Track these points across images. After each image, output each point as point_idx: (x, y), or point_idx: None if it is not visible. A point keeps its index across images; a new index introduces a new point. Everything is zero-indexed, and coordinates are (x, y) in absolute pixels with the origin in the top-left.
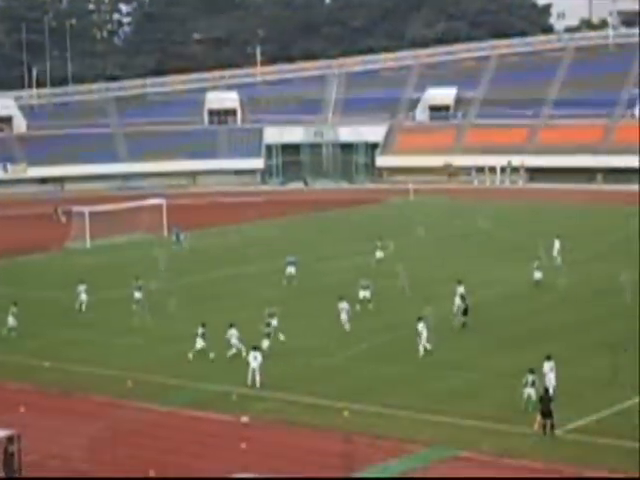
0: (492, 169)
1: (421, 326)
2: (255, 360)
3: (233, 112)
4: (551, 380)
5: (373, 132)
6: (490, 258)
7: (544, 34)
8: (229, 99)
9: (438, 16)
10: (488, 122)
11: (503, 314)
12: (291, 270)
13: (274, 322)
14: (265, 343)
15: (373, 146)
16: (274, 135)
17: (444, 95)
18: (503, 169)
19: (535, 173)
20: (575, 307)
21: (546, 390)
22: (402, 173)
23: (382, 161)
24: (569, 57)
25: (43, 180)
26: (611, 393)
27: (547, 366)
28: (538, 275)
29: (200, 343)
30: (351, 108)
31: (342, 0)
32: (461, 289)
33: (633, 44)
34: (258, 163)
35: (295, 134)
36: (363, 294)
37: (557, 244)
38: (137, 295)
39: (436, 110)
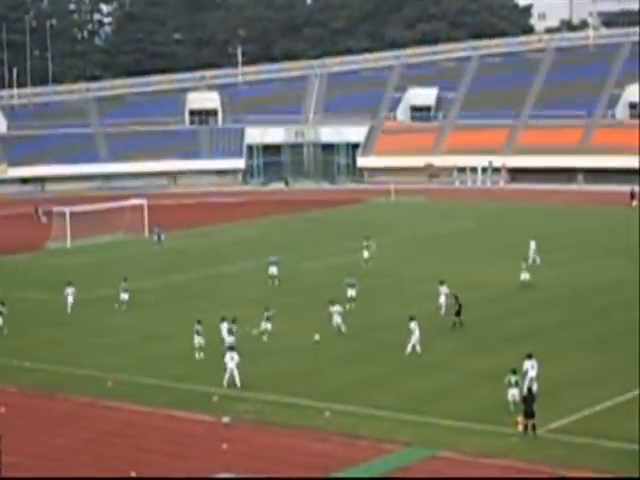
0: (473, 169)
1: (413, 325)
2: (232, 360)
3: (214, 112)
4: (532, 379)
5: (354, 132)
6: (472, 259)
7: (525, 35)
8: (210, 99)
9: (419, 17)
10: (469, 122)
11: (485, 314)
12: (273, 270)
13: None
14: (199, 340)
15: (354, 146)
16: (255, 135)
17: (425, 95)
18: (484, 169)
19: (516, 173)
20: (557, 307)
21: (529, 390)
22: (383, 173)
23: (363, 161)
24: (550, 58)
25: (24, 180)
26: (592, 393)
27: (528, 364)
28: (525, 276)
29: (199, 340)
30: (332, 108)
31: (323, 1)
32: (444, 289)
33: (613, 45)
34: (239, 163)
35: (276, 134)
36: (350, 293)
37: (533, 245)
38: (123, 296)
39: (417, 110)
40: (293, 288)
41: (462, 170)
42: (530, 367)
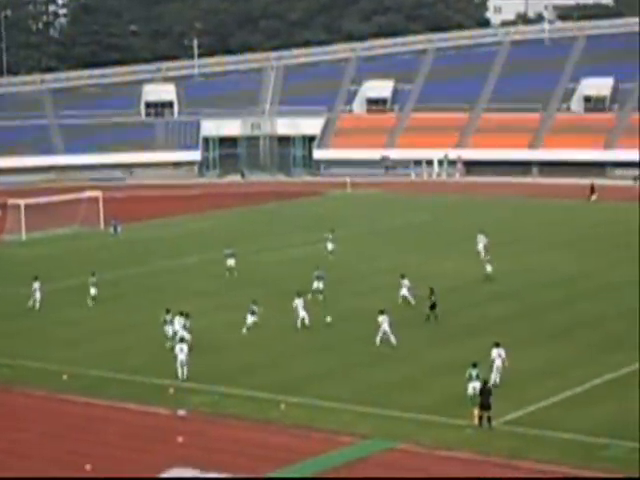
0: (429, 162)
1: (381, 319)
2: (182, 352)
3: (170, 104)
4: (498, 367)
5: (310, 125)
6: (428, 251)
7: (481, 28)
8: (166, 91)
9: (375, 9)
10: (425, 115)
11: (442, 307)
12: (231, 262)
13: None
14: (186, 335)
15: (310, 139)
16: (211, 128)
17: (381, 88)
18: (440, 162)
19: (471, 166)
20: (513, 300)
21: (485, 382)
22: (339, 166)
23: (319, 154)
24: (505, 51)
25: None
26: (547, 385)
27: (495, 352)
28: (489, 268)
29: (167, 329)
30: (288, 101)
31: None
32: (405, 282)
33: (569, 38)
34: (195, 155)
35: (232, 127)
36: (317, 285)
37: (481, 238)
38: (93, 291)
39: (373, 103)
40: (250, 280)
41: (418, 163)
42: (497, 356)
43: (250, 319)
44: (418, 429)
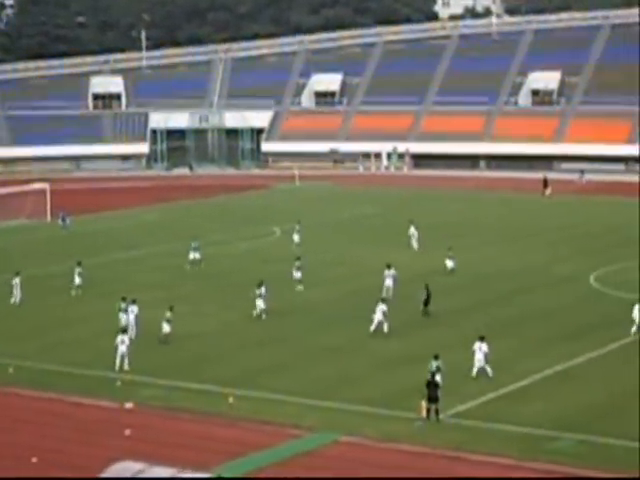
0: (377, 155)
1: (379, 307)
2: (123, 344)
3: (118, 97)
4: (480, 360)
5: (259, 118)
6: (377, 243)
7: (429, 21)
8: (114, 83)
9: (323, 2)
10: (373, 109)
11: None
12: (195, 255)
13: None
14: (166, 328)
15: (259, 132)
16: (159, 120)
17: (329, 81)
18: (389, 155)
19: (420, 159)
20: (462, 292)
21: (432, 375)
22: (288, 159)
23: (268, 147)
24: (453, 45)
25: None
26: (495, 377)
27: (477, 345)
28: (450, 264)
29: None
30: (237, 94)
31: None
32: (391, 272)
33: (516, 32)
34: (143, 148)
35: (180, 119)
36: (296, 275)
37: (412, 230)
38: (77, 281)
39: (322, 96)
40: (199, 273)
41: (366, 156)
42: (478, 349)
43: (259, 304)
44: (365, 421)
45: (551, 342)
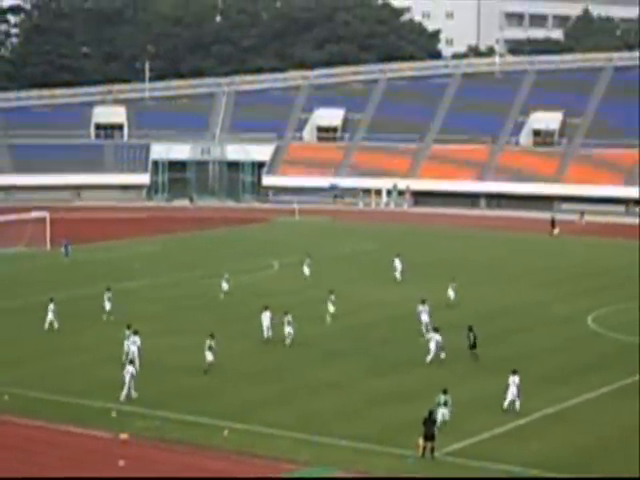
0: (378, 192)
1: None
2: (127, 373)
3: (120, 127)
4: (514, 393)
5: (260, 151)
6: (374, 279)
7: (432, 59)
8: (116, 114)
9: (328, 38)
10: (375, 145)
11: (387, 335)
12: (225, 286)
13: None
14: (209, 357)
15: (260, 165)
16: (161, 151)
17: (332, 116)
18: (389, 192)
19: (420, 197)
20: (457, 330)
21: (430, 413)
22: (288, 193)
23: (268, 180)
24: (456, 83)
25: None
26: (490, 417)
27: (510, 379)
28: (451, 293)
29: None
30: (239, 127)
31: (233, 19)
32: (425, 308)
33: (519, 72)
34: (144, 179)
35: (182, 151)
36: (330, 309)
37: (397, 263)
38: (108, 306)
39: (324, 131)
40: (197, 305)
41: (367, 192)
42: (512, 382)
43: (287, 329)
44: (359, 457)
45: (547, 382)
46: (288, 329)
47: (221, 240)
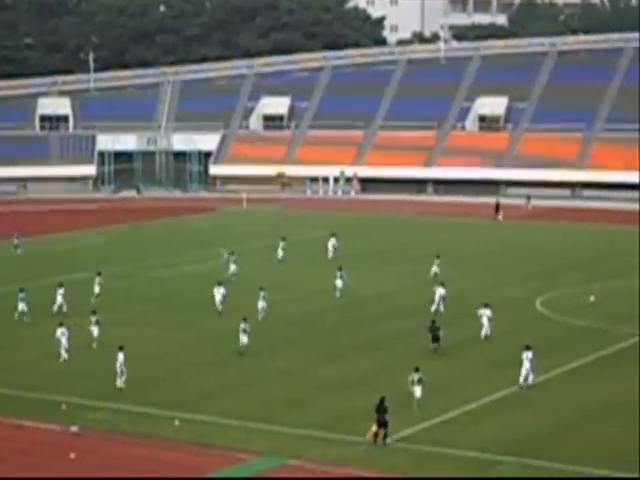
0: (325, 179)
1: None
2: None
3: (65, 118)
4: (527, 368)
5: (207, 141)
6: (322, 267)
7: (377, 46)
8: (61, 105)
9: (272, 26)
10: (321, 133)
11: (337, 322)
12: (233, 267)
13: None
14: (243, 339)
15: (207, 155)
16: (107, 142)
17: (278, 105)
18: (336, 179)
19: (367, 184)
20: (403, 317)
21: (382, 400)
22: (236, 182)
23: (215, 170)
24: (401, 70)
25: None
26: (442, 402)
27: (524, 355)
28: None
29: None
30: (185, 116)
31: (176, 8)
32: (441, 290)
33: (464, 58)
34: (90, 170)
35: (128, 141)
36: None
37: (333, 241)
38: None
39: (270, 120)
40: (144, 295)
41: (314, 180)
42: (525, 357)
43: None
44: (311, 445)
45: (497, 366)
46: (262, 304)
47: (169, 230)
